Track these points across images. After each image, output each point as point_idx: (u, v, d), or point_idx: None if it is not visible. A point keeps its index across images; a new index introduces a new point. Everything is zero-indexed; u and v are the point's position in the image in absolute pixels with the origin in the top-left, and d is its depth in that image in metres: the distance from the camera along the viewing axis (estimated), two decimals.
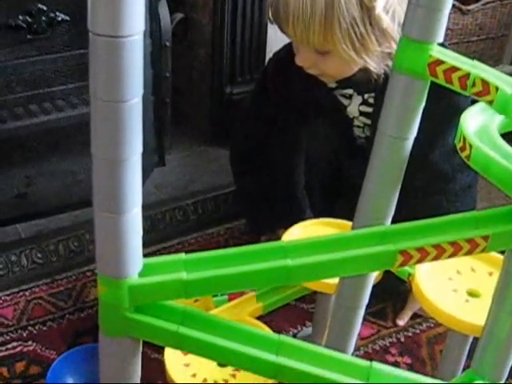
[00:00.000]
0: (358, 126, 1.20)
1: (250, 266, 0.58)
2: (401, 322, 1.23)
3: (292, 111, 1.21)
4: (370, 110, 1.16)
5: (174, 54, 1.57)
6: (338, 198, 1.24)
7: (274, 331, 0.86)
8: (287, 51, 1.13)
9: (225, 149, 1.51)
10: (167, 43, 1.52)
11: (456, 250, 0.59)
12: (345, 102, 1.17)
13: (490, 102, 0.61)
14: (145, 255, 1.38)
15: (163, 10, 1.50)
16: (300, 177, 1.25)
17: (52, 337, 1.17)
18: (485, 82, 0.61)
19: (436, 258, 0.59)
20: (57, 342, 1.16)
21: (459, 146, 0.66)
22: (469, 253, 0.60)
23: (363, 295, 0.81)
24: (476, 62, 0.63)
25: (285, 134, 1.23)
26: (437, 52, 0.62)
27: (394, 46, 0.99)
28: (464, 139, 0.65)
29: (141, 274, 0.58)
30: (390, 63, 1.04)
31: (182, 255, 0.60)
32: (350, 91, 1.16)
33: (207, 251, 0.60)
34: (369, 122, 1.18)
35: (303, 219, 1.12)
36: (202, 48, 1.63)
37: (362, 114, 1.17)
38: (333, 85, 1.15)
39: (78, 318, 1.21)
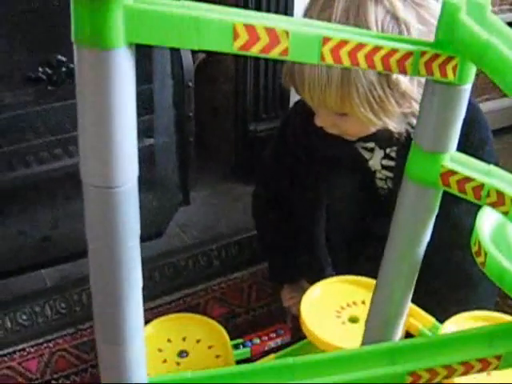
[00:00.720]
0: (381, 179, 1.18)
1: None
2: None
3: (312, 164, 1.19)
4: (392, 163, 1.14)
5: (198, 90, 1.57)
6: (361, 254, 1.22)
7: None
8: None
9: (250, 186, 1.50)
10: (190, 83, 1.52)
11: (467, 369, 0.57)
12: (366, 155, 1.15)
13: (505, 213, 0.59)
14: (168, 302, 1.38)
15: (185, 51, 1.49)
16: (321, 232, 1.24)
17: None
18: (500, 193, 0.59)
19: (446, 378, 0.58)
20: None
21: (474, 250, 0.64)
22: (480, 371, 0.58)
23: None
24: (492, 168, 0.61)
25: (305, 187, 1.21)
26: (449, 162, 0.60)
27: (416, 106, 0.97)
28: (479, 244, 0.63)
29: None
30: (412, 120, 1.01)
31: (188, 374, 0.59)
32: (371, 144, 1.14)
33: (213, 370, 0.59)
34: (391, 175, 1.16)
35: (323, 277, 1.11)
36: (226, 84, 1.62)
37: (384, 167, 1.15)
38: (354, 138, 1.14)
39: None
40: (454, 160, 0.59)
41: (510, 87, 0.49)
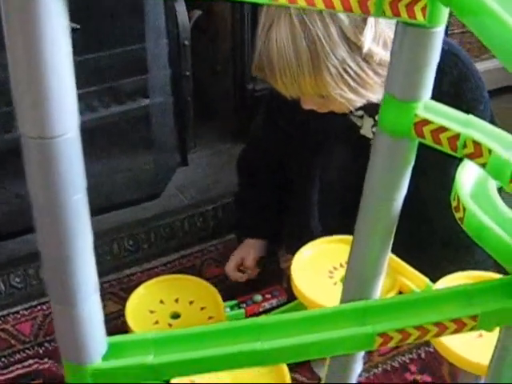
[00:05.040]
0: None
1: (220, 349, 0.55)
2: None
3: (305, 137, 1.16)
4: None
5: (197, 48, 1.53)
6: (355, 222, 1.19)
7: None
8: None
9: None
10: (186, 42, 1.48)
11: (441, 330, 0.55)
12: (359, 122, 1.11)
13: (483, 165, 0.55)
14: (164, 264, 1.37)
15: (181, 8, 1.45)
16: (314, 201, 1.20)
17: None
18: (477, 144, 0.55)
19: (418, 339, 0.55)
20: None
21: (453, 205, 0.61)
22: (455, 332, 0.55)
23: None
24: (471, 118, 0.57)
25: (298, 159, 1.18)
26: (423, 110, 0.56)
27: None
28: (458, 199, 0.60)
29: (105, 357, 0.56)
30: None
31: (151, 334, 0.57)
32: (360, 112, 1.10)
33: (177, 330, 0.57)
34: None
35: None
36: (223, 42, 1.58)
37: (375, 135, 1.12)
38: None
39: None
40: (428, 109, 0.56)
41: (480, 28, 0.45)
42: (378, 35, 0.89)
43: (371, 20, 0.89)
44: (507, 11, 0.43)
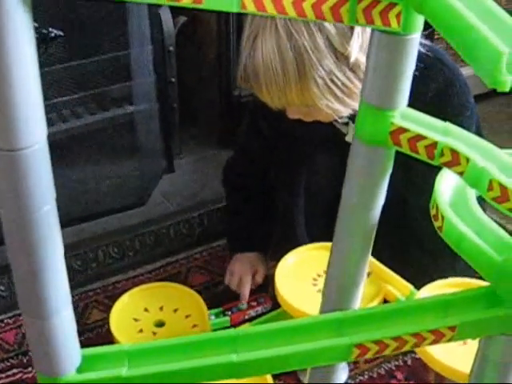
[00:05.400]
0: None
1: (194, 361, 0.54)
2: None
3: (289, 147, 1.15)
4: None
5: (182, 55, 1.52)
6: None
7: None
8: None
9: None
10: (171, 48, 1.48)
11: (419, 341, 0.54)
12: (344, 129, 1.11)
13: (461, 174, 0.55)
14: (149, 271, 1.36)
15: (165, 14, 1.45)
16: (300, 211, 1.19)
17: None
18: (454, 152, 0.54)
19: (396, 350, 0.55)
20: None
21: (432, 213, 0.61)
22: (434, 343, 0.55)
23: None
24: (449, 126, 0.56)
25: (284, 167, 1.17)
26: (400, 119, 0.55)
27: None
28: (437, 208, 0.59)
29: (79, 369, 0.55)
30: None
31: (125, 346, 0.56)
32: (345, 119, 1.09)
33: (151, 342, 0.56)
34: None
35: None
36: (209, 48, 1.57)
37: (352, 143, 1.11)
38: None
39: None
40: (405, 117, 0.55)
41: (453, 36, 0.45)
42: (364, 44, 0.88)
43: (358, 29, 0.89)
44: (480, 19, 0.43)
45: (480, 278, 0.94)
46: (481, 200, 0.59)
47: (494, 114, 1.85)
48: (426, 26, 0.51)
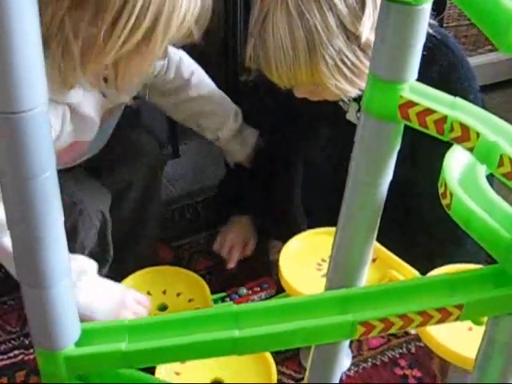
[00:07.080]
0: None
1: (195, 336, 0.53)
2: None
3: (290, 122, 1.14)
4: None
5: None
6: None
7: None
8: None
9: None
10: None
11: (425, 319, 0.53)
12: (345, 107, 1.10)
13: (471, 149, 0.54)
14: None
15: None
16: (297, 187, 1.19)
17: None
18: (464, 127, 0.53)
19: (402, 328, 0.54)
20: None
21: (441, 191, 0.59)
22: (440, 322, 0.54)
23: None
24: (458, 101, 0.55)
25: (285, 141, 1.16)
26: (409, 92, 0.54)
27: None
28: (445, 185, 0.58)
29: (79, 343, 0.54)
30: None
31: (125, 321, 0.55)
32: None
33: (152, 317, 0.56)
34: None
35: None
36: (215, 33, 1.56)
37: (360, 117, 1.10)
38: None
39: None
40: (414, 91, 0.54)
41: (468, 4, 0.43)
42: (376, 24, 0.88)
43: (369, 9, 0.88)
44: None
45: (487, 264, 0.93)
46: (489, 177, 0.58)
47: (501, 105, 1.83)
48: (436, 13, 0.50)
